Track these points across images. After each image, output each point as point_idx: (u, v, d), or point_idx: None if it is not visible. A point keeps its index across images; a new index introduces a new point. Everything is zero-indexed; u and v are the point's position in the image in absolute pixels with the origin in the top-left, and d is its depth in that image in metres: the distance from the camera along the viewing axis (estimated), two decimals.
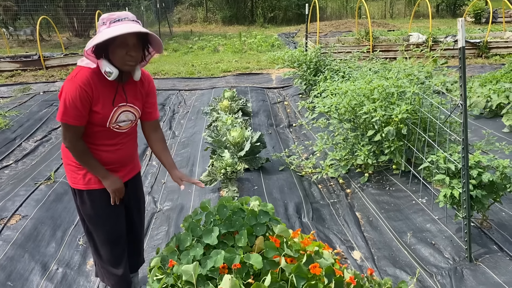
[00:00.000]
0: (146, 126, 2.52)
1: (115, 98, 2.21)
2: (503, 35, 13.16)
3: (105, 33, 2.00)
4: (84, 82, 2.09)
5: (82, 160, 2.23)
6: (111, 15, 2.06)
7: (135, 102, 2.31)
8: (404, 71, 4.38)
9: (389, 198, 3.94)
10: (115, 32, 1.97)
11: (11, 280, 2.94)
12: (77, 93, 2.07)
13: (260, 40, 16.04)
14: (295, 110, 7.32)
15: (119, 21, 2.04)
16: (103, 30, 2.04)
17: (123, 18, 2.05)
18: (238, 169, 4.15)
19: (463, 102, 2.65)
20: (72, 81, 2.10)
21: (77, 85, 2.07)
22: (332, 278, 2.09)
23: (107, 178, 2.29)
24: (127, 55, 2.08)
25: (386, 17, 25.91)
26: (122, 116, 2.26)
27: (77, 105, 2.07)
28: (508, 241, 3.11)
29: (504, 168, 2.92)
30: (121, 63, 2.10)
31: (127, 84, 2.27)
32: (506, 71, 7.15)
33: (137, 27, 2.03)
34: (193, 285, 2.05)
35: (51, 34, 20.45)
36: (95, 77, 2.13)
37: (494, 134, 5.02)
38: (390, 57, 10.13)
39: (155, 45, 2.21)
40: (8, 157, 5.64)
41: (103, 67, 2.09)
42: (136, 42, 2.09)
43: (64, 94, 2.09)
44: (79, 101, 2.07)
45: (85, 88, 2.08)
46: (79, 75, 2.11)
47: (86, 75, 2.11)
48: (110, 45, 2.05)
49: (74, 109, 2.08)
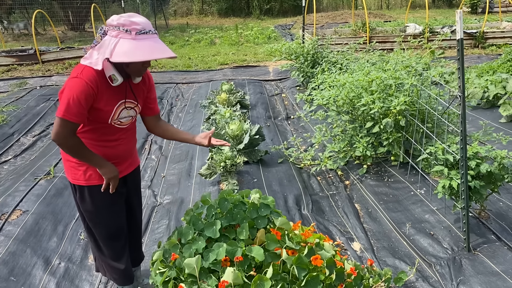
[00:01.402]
0: (149, 121, 2.53)
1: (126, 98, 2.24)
2: (500, 25, 13.17)
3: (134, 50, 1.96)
4: (91, 79, 2.06)
5: (76, 154, 2.18)
6: (133, 22, 1.98)
7: (137, 99, 2.32)
8: (402, 63, 4.38)
9: (388, 189, 3.96)
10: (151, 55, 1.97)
11: (14, 275, 2.96)
12: (83, 90, 2.03)
13: (257, 32, 15.98)
14: (292, 102, 7.33)
15: (145, 33, 1.99)
16: (128, 40, 1.97)
17: (148, 30, 2.00)
18: (237, 162, 4.16)
19: (461, 94, 2.66)
20: (78, 78, 2.05)
21: (84, 82, 2.04)
22: (333, 269, 2.12)
23: (103, 166, 2.24)
24: (143, 67, 2.12)
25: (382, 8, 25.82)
26: (124, 113, 2.26)
27: (81, 102, 2.04)
28: (506, 231, 3.14)
29: (502, 158, 2.95)
30: (136, 73, 2.15)
31: (130, 81, 2.27)
32: (502, 62, 7.18)
33: (167, 52, 2.01)
34: (196, 278, 2.07)
35: (46, 28, 20.31)
36: (101, 76, 2.10)
37: (491, 124, 5.05)
38: (387, 48, 10.14)
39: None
40: (7, 152, 5.64)
41: (108, 71, 2.07)
42: None
43: (67, 91, 2.04)
44: (84, 98, 2.04)
45: (91, 85, 2.05)
46: (86, 71, 2.07)
47: (92, 72, 2.07)
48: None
49: (78, 106, 2.04)
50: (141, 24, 1.99)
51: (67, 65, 11.10)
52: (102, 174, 2.27)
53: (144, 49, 1.97)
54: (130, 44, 1.96)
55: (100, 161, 2.24)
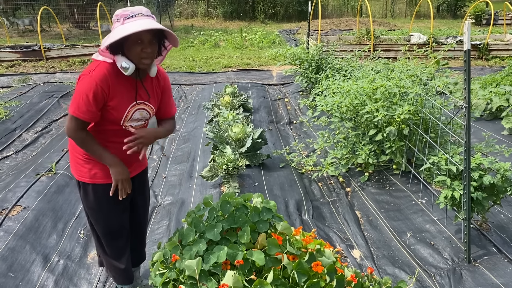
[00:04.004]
0: (163, 123, 2.46)
1: (137, 95, 2.20)
2: (504, 37, 13.19)
3: (118, 31, 1.98)
4: (101, 78, 2.06)
5: (87, 148, 2.18)
6: (125, 11, 2.03)
7: (151, 100, 2.29)
8: (407, 72, 4.39)
9: (389, 197, 3.96)
10: (128, 30, 1.95)
11: (13, 271, 2.95)
12: (93, 89, 2.04)
13: (261, 36, 16.01)
14: (295, 107, 7.33)
15: (132, 17, 2.00)
16: (117, 27, 2.01)
17: (137, 13, 2.02)
18: (239, 165, 4.16)
19: (466, 105, 2.66)
20: (89, 76, 2.06)
21: (94, 82, 2.04)
22: (334, 276, 2.11)
23: (115, 166, 2.21)
24: (143, 51, 2.05)
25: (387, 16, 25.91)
26: (137, 114, 2.23)
27: (91, 101, 2.04)
28: (506, 243, 3.13)
29: (505, 171, 2.94)
30: (137, 60, 2.08)
31: (144, 81, 2.25)
32: (506, 74, 7.17)
33: (150, 24, 1.99)
34: (196, 280, 2.06)
35: (51, 25, 20.37)
36: (112, 73, 2.10)
37: (493, 136, 5.05)
38: (391, 56, 10.14)
39: (171, 39, 2.18)
40: (8, 148, 5.64)
41: (119, 62, 2.07)
42: (151, 38, 2.06)
43: (78, 89, 2.07)
44: (93, 97, 2.04)
45: (101, 85, 2.05)
46: (97, 70, 2.07)
47: (104, 71, 2.07)
48: (125, 42, 2.03)
49: (87, 105, 2.05)
50: (130, 10, 2.03)
51: (71, 62, 11.12)
52: (112, 174, 2.23)
53: (129, 27, 1.97)
54: (118, 29, 2.00)
55: (112, 160, 2.21)
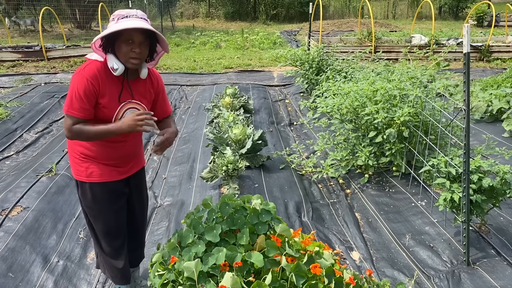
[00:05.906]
0: (160, 123, 2.48)
1: (121, 94, 2.22)
2: (505, 39, 13.18)
3: (111, 27, 2.06)
4: (92, 76, 2.12)
5: (90, 136, 2.17)
6: (121, 11, 2.11)
7: (142, 100, 2.33)
8: (407, 74, 4.39)
9: (389, 199, 3.96)
10: (120, 26, 2.02)
11: (12, 271, 2.96)
12: (84, 86, 2.11)
13: (262, 37, 16.03)
14: (296, 108, 7.33)
15: (127, 17, 2.08)
16: (111, 25, 2.09)
17: (132, 15, 2.09)
18: (239, 167, 4.16)
19: (466, 107, 2.66)
20: (80, 74, 2.14)
21: (84, 79, 2.11)
22: (332, 278, 2.11)
23: (121, 126, 2.15)
24: (132, 51, 2.10)
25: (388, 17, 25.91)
26: (128, 113, 2.27)
27: (83, 98, 2.11)
28: (505, 246, 3.13)
29: (505, 173, 2.94)
30: (125, 59, 2.12)
31: (135, 82, 2.29)
32: (507, 76, 7.17)
33: (141, 24, 2.05)
34: (194, 281, 2.06)
35: (52, 25, 20.39)
36: (102, 72, 2.16)
37: (494, 138, 5.03)
38: (392, 58, 10.14)
39: (162, 44, 2.25)
40: (9, 148, 5.65)
41: (110, 62, 2.13)
42: (143, 40, 2.12)
43: (71, 87, 2.14)
44: (85, 94, 2.11)
45: (92, 81, 2.12)
46: (88, 68, 2.15)
47: (94, 69, 2.15)
48: (117, 40, 2.10)
49: (80, 102, 2.11)
50: (126, 12, 2.10)
51: (73, 62, 11.14)
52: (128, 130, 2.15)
53: (122, 25, 2.04)
54: (111, 26, 2.08)
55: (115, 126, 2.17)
